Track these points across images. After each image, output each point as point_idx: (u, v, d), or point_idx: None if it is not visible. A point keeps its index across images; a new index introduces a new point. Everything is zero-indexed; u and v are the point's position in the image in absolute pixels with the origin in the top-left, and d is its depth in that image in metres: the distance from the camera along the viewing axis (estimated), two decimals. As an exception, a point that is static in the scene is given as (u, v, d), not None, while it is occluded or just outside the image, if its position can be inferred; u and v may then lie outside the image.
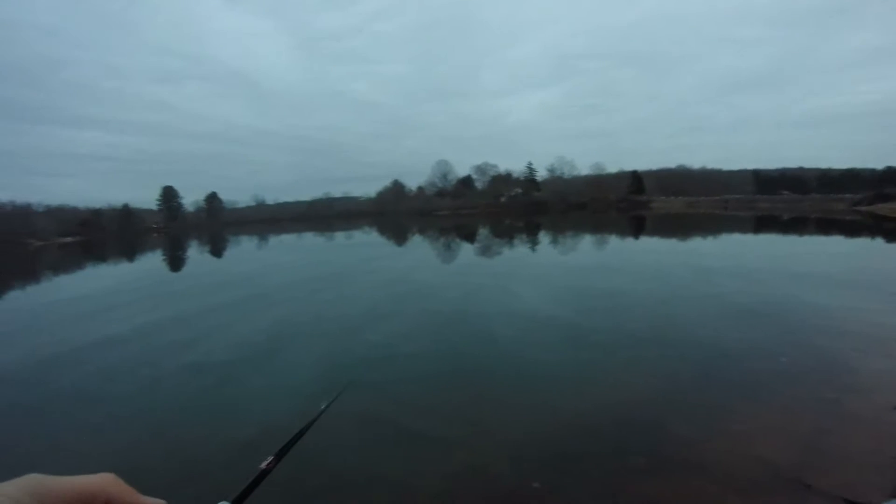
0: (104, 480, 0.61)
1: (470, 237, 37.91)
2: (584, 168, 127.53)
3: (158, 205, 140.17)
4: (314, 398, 6.67)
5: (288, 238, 53.19)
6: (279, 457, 1.11)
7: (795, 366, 6.94)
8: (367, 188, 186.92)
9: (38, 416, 7.04)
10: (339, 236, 49.37)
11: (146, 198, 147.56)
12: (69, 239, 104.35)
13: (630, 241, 29.43)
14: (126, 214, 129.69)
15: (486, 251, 26.86)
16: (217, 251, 41.76)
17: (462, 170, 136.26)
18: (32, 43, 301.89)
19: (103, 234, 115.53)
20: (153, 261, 36.41)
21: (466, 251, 27.53)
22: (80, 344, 10.74)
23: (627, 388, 6.45)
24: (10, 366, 9.60)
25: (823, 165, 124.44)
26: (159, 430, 6.21)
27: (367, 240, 42.90)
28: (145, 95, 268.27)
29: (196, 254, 40.42)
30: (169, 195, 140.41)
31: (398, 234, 46.70)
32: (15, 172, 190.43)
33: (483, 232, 43.53)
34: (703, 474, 4.42)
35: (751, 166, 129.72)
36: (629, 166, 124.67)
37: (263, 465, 1.04)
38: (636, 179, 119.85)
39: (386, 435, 5.59)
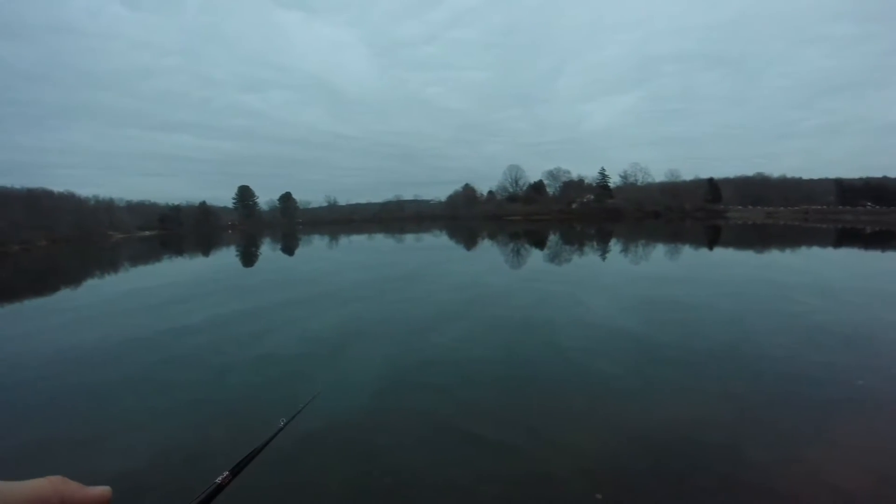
0: (54, 482, 0.63)
1: (540, 243, 37.67)
2: (658, 175, 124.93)
3: (234, 203, 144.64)
4: (376, 396, 6.96)
5: (358, 239, 54.29)
6: (235, 472, 1.10)
7: (873, 390, 6.63)
8: (441, 192, 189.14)
9: (110, 396, 7.48)
10: (409, 238, 50.00)
11: (225, 196, 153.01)
12: (148, 233, 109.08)
13: (704, 252, 28.61)
14: (203, 211, 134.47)
15: (555, 258, 26.65)
16: (289, 249, 42.98)
17: (536, 175, 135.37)
18: (122, 54, 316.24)
19: (181, 229, 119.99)
20: (227, 256, 37.78)
21: (536, 257, 27.39)
22: (151, 332, 11.47)
23: (697, 406, 6.31)
24: (87, 348, 10.30)
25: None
26: (221, 417, 6.51)
27: (437, 243, 43.25)
28: (234, 103, 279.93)
29: (268, 251, 41.67)
30: (245, 194, 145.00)
31: (468, 238, 46.93)
32: (101, 171, 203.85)
33: (553, 238, 43.20)
34: (772, 500, 4.31)
35: (833, 175, 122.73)
36: (709, 174, 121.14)
37: (219, 479, 1.04)
38: (712, 188, 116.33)
39: (451, 438, 5.66)
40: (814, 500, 4.32)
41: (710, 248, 31.50)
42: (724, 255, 26.95)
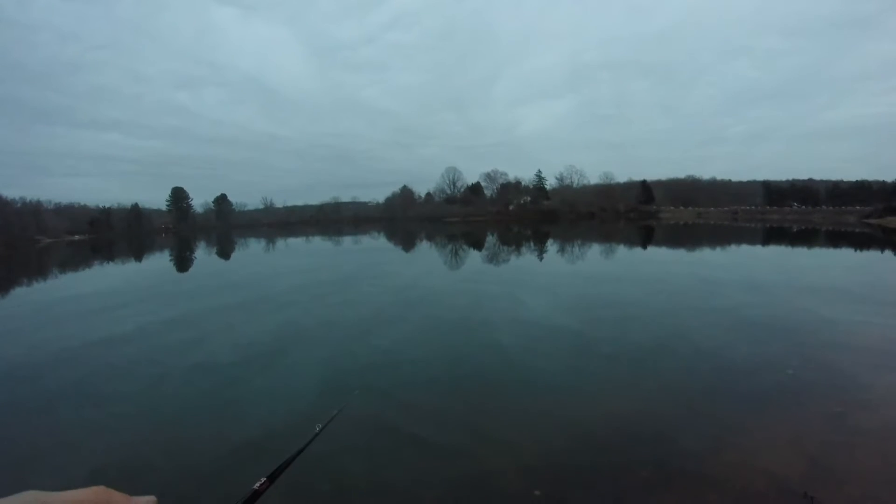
0: (98, 493, 0.62)
1: (478, 244, 37.89)
2: (593, 177, 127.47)
3: (168, 206, 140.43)
4: (316, 402, 6.75)
5: (296, 241, 53.37)
6: (272, 478, 1.12)
7: (802, 379, 6.89)
8: (378, 194, 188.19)
9: (40, 412, 7.01)
10: (347, 241, 49.48)
11: (158, 199, 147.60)
12: (78, 237, 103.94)
13: (638, 251, 29.36)
14: (135, 214, 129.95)
15: (493, 259, 26.80)
16: (224, 253, 41.83)
17: (473, 177, 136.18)
18: (50, 46, 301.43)
19: (112, 232, 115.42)
20: (160, 261, 36.50)
21: (474, 258, 27.45)
22: (81, 342, 10.80)
23: (634, 400, 6.41)
24: (13, 361, 9.64)
25: (833, 177, 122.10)
26: (159, 430, 6.19)
27: (376, 245, 43.02)
28: (166, 101, 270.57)
29: (203, 255, 40.43)
30: (178, 196, 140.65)
31: (406, 240, 46.82)
32: (27, 171, 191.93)
33: (491, 239, 43.59)
34: (709, 487, 4.38)
35: (761, 178, 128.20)
36: (642, 176, 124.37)
37: (256, 485, 1.06)
38: (645, 189, 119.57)
39: (391, 440, 5.57)
40: (748, 485, 4.41)
41: (644, 247, 32.38)
42: (657, 254, 27.80)
